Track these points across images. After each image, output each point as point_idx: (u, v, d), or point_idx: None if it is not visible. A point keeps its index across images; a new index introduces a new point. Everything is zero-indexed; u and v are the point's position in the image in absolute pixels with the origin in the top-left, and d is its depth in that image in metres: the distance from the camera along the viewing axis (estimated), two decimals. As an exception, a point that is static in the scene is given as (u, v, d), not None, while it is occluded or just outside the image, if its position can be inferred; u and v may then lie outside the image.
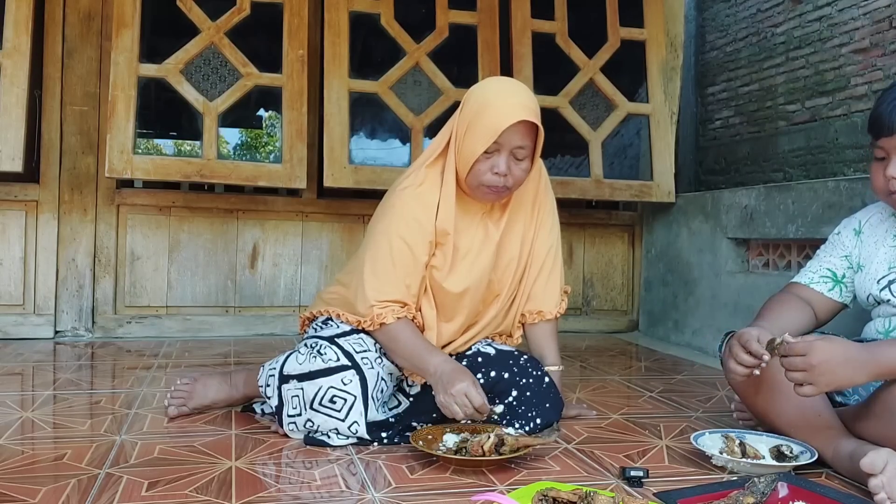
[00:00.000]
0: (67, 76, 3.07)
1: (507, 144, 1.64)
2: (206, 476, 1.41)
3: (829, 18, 3.23)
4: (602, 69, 3.38)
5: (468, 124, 1.66)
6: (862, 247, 1.71)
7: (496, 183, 1.66)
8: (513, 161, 1.66)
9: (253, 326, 3.27)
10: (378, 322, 1.66)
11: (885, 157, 1.57)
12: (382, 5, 3.15)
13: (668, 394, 2.29)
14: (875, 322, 1.67)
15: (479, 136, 1.63)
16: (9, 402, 1.96)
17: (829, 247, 1.78)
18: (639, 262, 3.75)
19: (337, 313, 1.77)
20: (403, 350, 1.66)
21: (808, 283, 1.75)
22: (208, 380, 1.88)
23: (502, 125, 1.60)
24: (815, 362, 1.34)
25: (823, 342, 1.36)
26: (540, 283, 1.89)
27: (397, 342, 1.67)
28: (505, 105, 1.62)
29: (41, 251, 3.04)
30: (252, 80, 2.99)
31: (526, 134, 1.64)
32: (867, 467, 1.29)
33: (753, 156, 3.71)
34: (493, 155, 1.65)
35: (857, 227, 1.74)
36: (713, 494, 1.31)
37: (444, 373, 1.57)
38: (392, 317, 1.66)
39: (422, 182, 1.74)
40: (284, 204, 3.34)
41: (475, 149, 1.64)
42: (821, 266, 1.76)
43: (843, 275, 1.73)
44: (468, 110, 1.68)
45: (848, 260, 1.73)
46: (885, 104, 1.55)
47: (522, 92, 1.68)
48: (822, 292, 1.73)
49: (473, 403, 1.53)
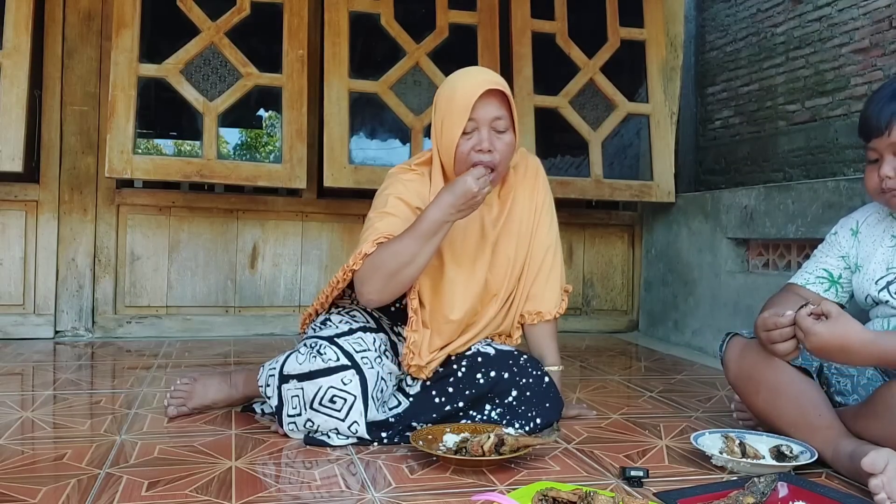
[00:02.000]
0: (67, 76, 3.07)
1: (483, 119, 1.65)
2: (206, 476, 1.41)
3: (829, 18, 3.23)
4: (602, 69, 3.38)
5: (442, 117, 1.69)
6: (860, 247, 1.71)
7: (483, 159, 1.66)
8: (494, 135, 1.67)
9: (253, 326, 3.27)
10: (359, 259, 1.62)
11: (878, 159, 1.57)
12: (382, 5, 3.15)
13: (668, 394, 2.29)
14: (874, 323, 1.67)
15: (454, 120, 1.65)
16: (9, 402, 1.96)
17: (825, 247, 1.78)
18: (639, 262, 3.75)
19: (326, 294, 1.78)
20: (390, 249, 1.59)
21: (805, 283, 1.75)
22: (208, 380, 1.88)
23: (471, 99, 1.63)
24: (815, 332, 1.35)
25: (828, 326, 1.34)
26: (539, 283, 1.89)
27: (381, 254, 1.59)
28: (470, 82, 1.66)
29: (41, 251, 3.04)
30: (252, 80, 2.99)
31: (499, 105, 1.67)
32: (868, 467, 1.29)
33: (753, 156, 3.71)
34: (473, 134, 1.67)
35: (855, 228, 1.74)
36: (713, 494, 1.31)
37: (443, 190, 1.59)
38: (371, 246, 1.62)
39: (412, 172, 1.78)
40: (284, 204, 3.34)
41: (454, 133, 1.66)
42: (817, 267, 1.75)
43: (839, 275, 1.73)
44: (440, 106, 1.71)
45: (845, 260, 1.73)
46: (874, 105, 1.56)
47: (484, 71, 1.73)
48: (818, 293, 1.73)
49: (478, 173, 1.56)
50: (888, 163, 1.55)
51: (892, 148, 1.54)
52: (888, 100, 1.54)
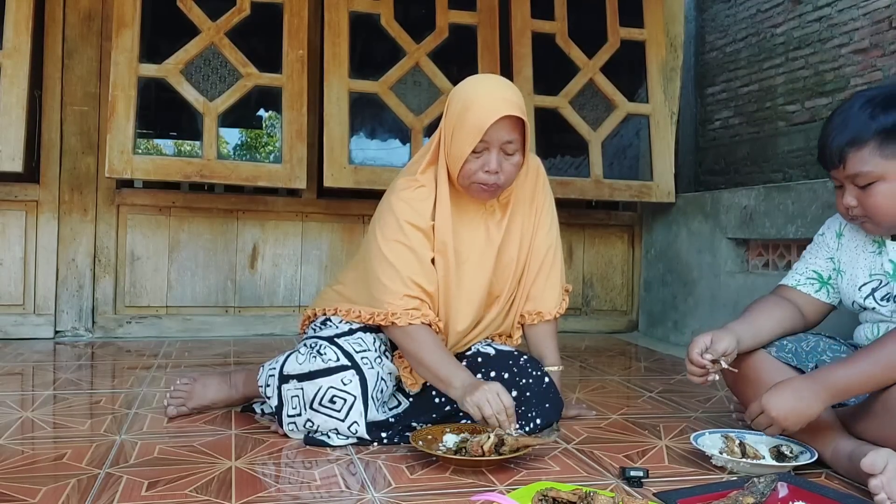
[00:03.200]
0: (67, 76, 3.07)
1: (494, 141, 1.63)
2: (206, 476, 1.41)
3: (829, 19, 3.23)
4: (602, 69, 3.38)
5: (453, 126, 1.66)
6: (842, 251, 1.70)
7: (488, 181, 1.66)
8: (503, 157, 1.66)
9: (253, 326, 3.27)
10: (392, 320, 1.64)
11: (841, 186, 1.56)
12: (382, 5, 3.15)
13: (667, 394, 2.29)
14: (864, 327, 1.67)
15: (465, 137, 1.63)
16: (9, 402, 1.96)
17: (814, 248, 1.77)
18: (638, 263, 3.75)
19: (336, 310, 1.77)
20: (426, 357, 1.63)
21: (795, 285, 1.74)
22: (208, 380, 1.88)
23: (486, 123, 1.60)
24: (773, 415, 1.42)
25: (771, 395, 1.43)
26: (539, 283, 1.89)
27: (415, 343, 1.64)
28: (487, 102, 1.62)
29: (41, 251, 3.04)
30: (252, 80, 2.99)
31: (513, 128, 1.64)
32: (867, 467, 1.29)
33: (753, 156, 3.71)
34: (483, 153, 1.64)
35: (839, 230, 1.72)
36: (713, 494, 1.31)
37: (472, 385, 1.56)
38: (410, 319, 1.63)
39: (420, 186, 1.73)
40: (284, 204, 3.34)
41: (463, 150, 1.63)
42: (807, 268, 1.74)
43: (828, 276, 1.72)
44: (452, 112, 1.67)
45: (832, 262, 1.72)
46: (827, 137, 1.53)
47: (504, 87, 1.67)
48: (809, 294, 1.72)
49: (504, 401, 1.51)
50: (849, 192, 1.53)
51: (850, 179, 1.51)
52: (839, 129, 1.50)
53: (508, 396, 1.53)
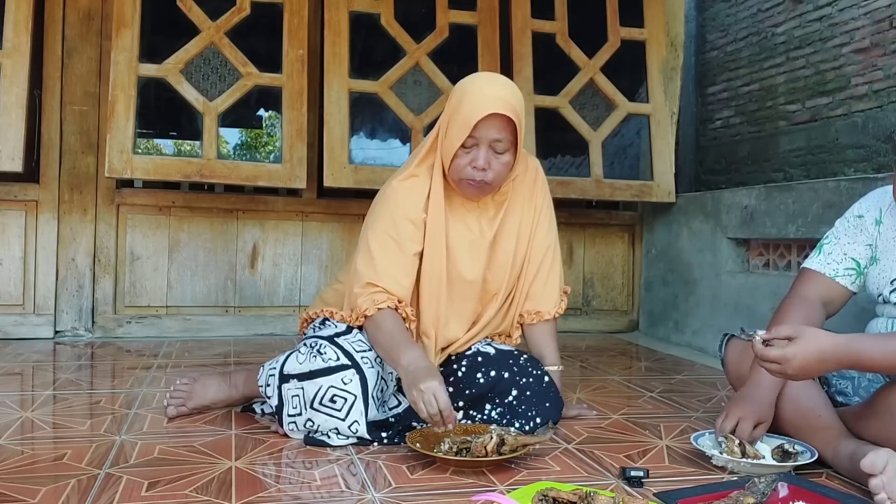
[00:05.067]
0: (67, 76, 3.07)
1: (483, 138, 1.63)
2: (206, 476, 1.41)
3: (830, 18, 3.23)
4: (602, 69, 3.38)
5: (449, 119, 1.68)
6: (881, 238, 1.60)
7: (475, 177, 1.66)
8: (493, 154, 1.66)
9: (253, 326, 3.27)
10: (362, 313, 1.65)
11: None
12: (382, 5, 3.15)
13: (668, 394, 2.29)
14: (878, 321, 1.63)
15: (456, 131, 1.64)
16: (9, 402, 1.96)
17: (851, 230, 1.63)
18: (639, 262, 3.75)
19: (331, 312, 1.77)
20: (383, 339, 1.62)
21: (833, 275, 1.61)
22: (208, 380, 1.88)
23: (474, 118, 1.61)
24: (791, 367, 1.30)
25: (797, 353, 1.29)
26: (538, 283, 1.89)
27: (378, 331, 1.63)
28: (478, 98, 1.62)
29: (41, 251, 3.04)
30: (252, 79, 2.99)
31: (503, 126, 1.63)
32: (867, 467, 1.29)
33: (754, 156, 3.71)
34: (472, 149, 1.65)
35: (878, 217, 1.61)
36: (713, 494, 1.31)
37: (418, 368, 1.52)
38: (374, 307, 1.64)
39: (412, 177, 1.75)
40: (284, 204, 3.34)
41: (453, 143, 1.65)
42: (845, 255, 1.61)
43: (864, 266, 1.61)
44: (449, 105, 1.70)
45: (871, 249, 1.61)
46: None
47: (501, 86, 1.66)
48: (845, 286, 1.61)
49: (439, 403, 1.46)
50: None
51: None
52: None
53: (444, 397, 1.46)
